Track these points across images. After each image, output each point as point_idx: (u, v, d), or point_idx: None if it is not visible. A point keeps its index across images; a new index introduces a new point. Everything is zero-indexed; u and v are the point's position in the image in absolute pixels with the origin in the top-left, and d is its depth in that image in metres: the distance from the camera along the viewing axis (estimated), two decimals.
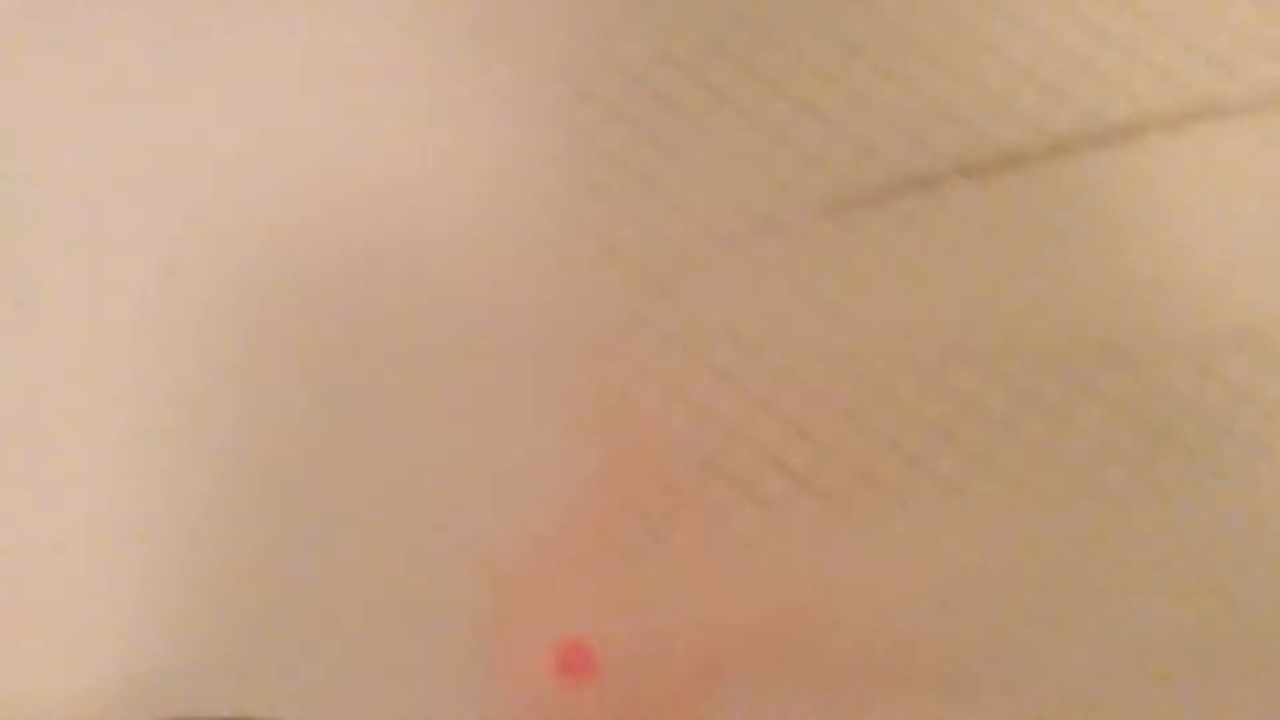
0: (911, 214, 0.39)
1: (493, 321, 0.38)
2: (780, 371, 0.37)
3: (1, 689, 0.35)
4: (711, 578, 0.35)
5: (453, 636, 0.35)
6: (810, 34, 0.41)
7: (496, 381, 0.38)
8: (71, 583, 0.36)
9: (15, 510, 0.37)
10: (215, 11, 0.42)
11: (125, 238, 0.40)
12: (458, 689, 0.35)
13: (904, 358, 0.37)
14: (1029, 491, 0.35)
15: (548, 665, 0.35)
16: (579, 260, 0.40)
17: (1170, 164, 0.38)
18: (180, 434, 0.37)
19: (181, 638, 0.36)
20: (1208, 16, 0.40)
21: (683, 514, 0.36)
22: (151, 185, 0.41)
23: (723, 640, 0.35)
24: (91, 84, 0.41)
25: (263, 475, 0.37)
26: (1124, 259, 0.38)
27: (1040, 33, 0.40)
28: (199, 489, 0.37)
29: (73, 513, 0.37)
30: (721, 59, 0.41)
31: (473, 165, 0.41)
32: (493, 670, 0.35)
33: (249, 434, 0.37)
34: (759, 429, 0.37)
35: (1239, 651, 0.34)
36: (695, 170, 0.40)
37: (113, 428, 0.37)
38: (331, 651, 0.35)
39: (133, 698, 0.35)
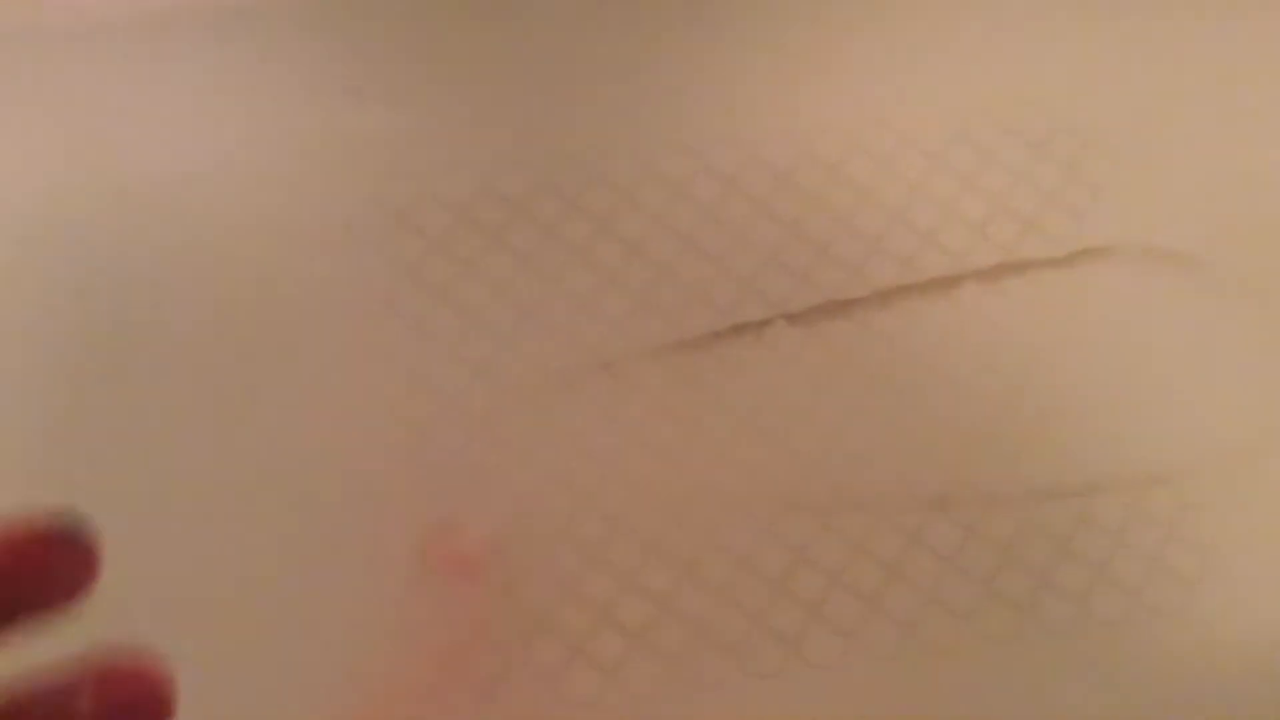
0: (740, 359, 0.39)
1: (314, 464, 0.36)
2: (612, 520, 0.36)
3: None
4: None
5: None
6: (638, 175, 0.41)
7: (319, 526, 0.35)
8: None
9: None
10: None
11: None
12: None
13: (738, 506, 0.37)
14: (862, 644, 0.35)
15: None
16: (400, 396, 0.38)
17: (985, 314, 0.40)
18: None
19: None
20: (1014, 177, 0.42)
21: (513, 674, 0.34)
22: None
23: None
24: None
25: None
26: (946, 408, 0.39)
27: (860, 186, 0.42)
28: None
29: None
30: (551, 197, 0.41)
31: (291, 289, 0.39)
32: None
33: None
34: (591, 583, 0.35)
35: None
36: (524, 308, 0.39)
37: None
38: None
39: None
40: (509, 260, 0.40)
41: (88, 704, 0.21)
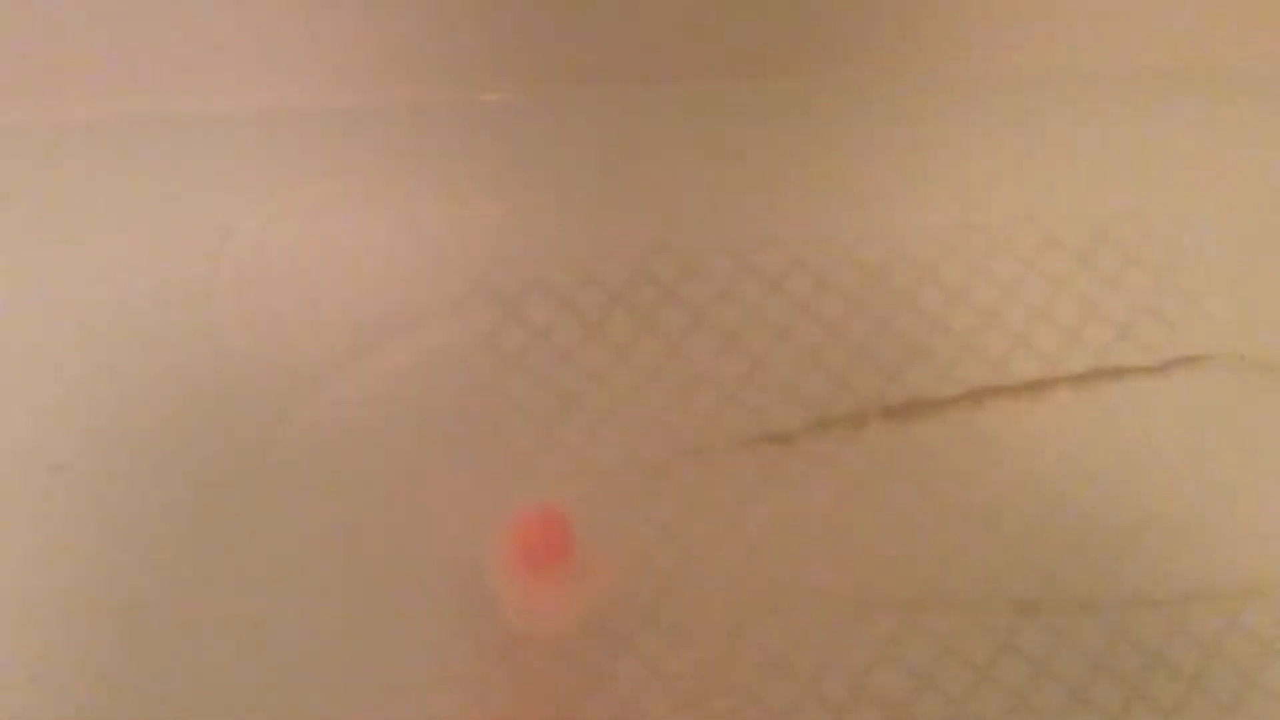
0: (830, 454, 0.39)
1: (407, 552, 0.37)
2: (697, 607, 0.37)
3: None
4: None
5: None
6: (734, 269, 0.42)
7: (413, 601, 0.36)
8: None
9: None
10: None
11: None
12: None
13: (825, 600, 0.37)
14: None
15: None
16: (495, 478, 0.39)
17: (1077, 419, 0.40)
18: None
19: None
20: (1107, 284, 0.42)
21: None
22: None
23: None
24: None
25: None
26: (1037, 512, 0.39)
27: (952, 287, 0.42)
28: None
29: None
30: (649, 287, 0.42)
31: (398, 369, 0.40)
32: None
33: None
34: (676, 669, 0.36)
35: None
36: (620, 396, 0.40)
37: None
38: None
39: None
40: (606, 349, 0.41)
41: None
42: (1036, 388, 0.40)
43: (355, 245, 0.42)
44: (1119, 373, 0.41)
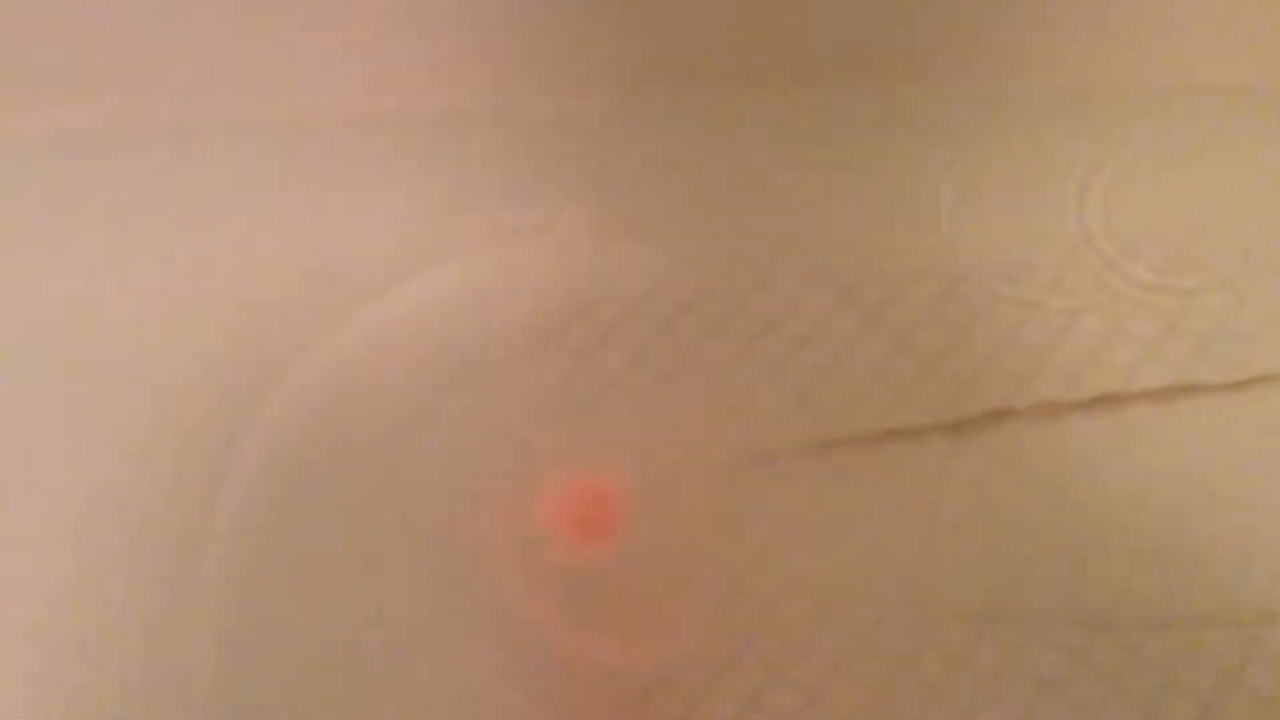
0: (902, 461, 0.39)
1: (480, 546, 0.37)
2: (763, 610, 0.37)
3: None
4: None
5: None
6: (806, 277, 0.42)
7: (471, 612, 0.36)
8: None
9: None
10: None
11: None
12: None
13: (892, 608, 0.36)
14: None
15: None
16: (560, 480, 0.39)
17: (1154, 435, 0.39)
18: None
19: None
20: (1186, 299, 0.42)
21: None
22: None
23: None
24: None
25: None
26: (1110, 527, 0.38)
27: (1028, 299, 0.42)
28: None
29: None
30: (719, 298, 0.42)
31: (468, 370, 0.40)
32: None
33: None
34: (740, 671, 0.36)
35: None
36: (688, 399, 0.40)
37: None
38: None
39: None
40: (677, 352, 0.41)
41: None
42: (1112, 402, 0.40)
43: (432, 251, 0.42)
44: (1196, 389, 0.40)
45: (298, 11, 0.42)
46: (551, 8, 0.43)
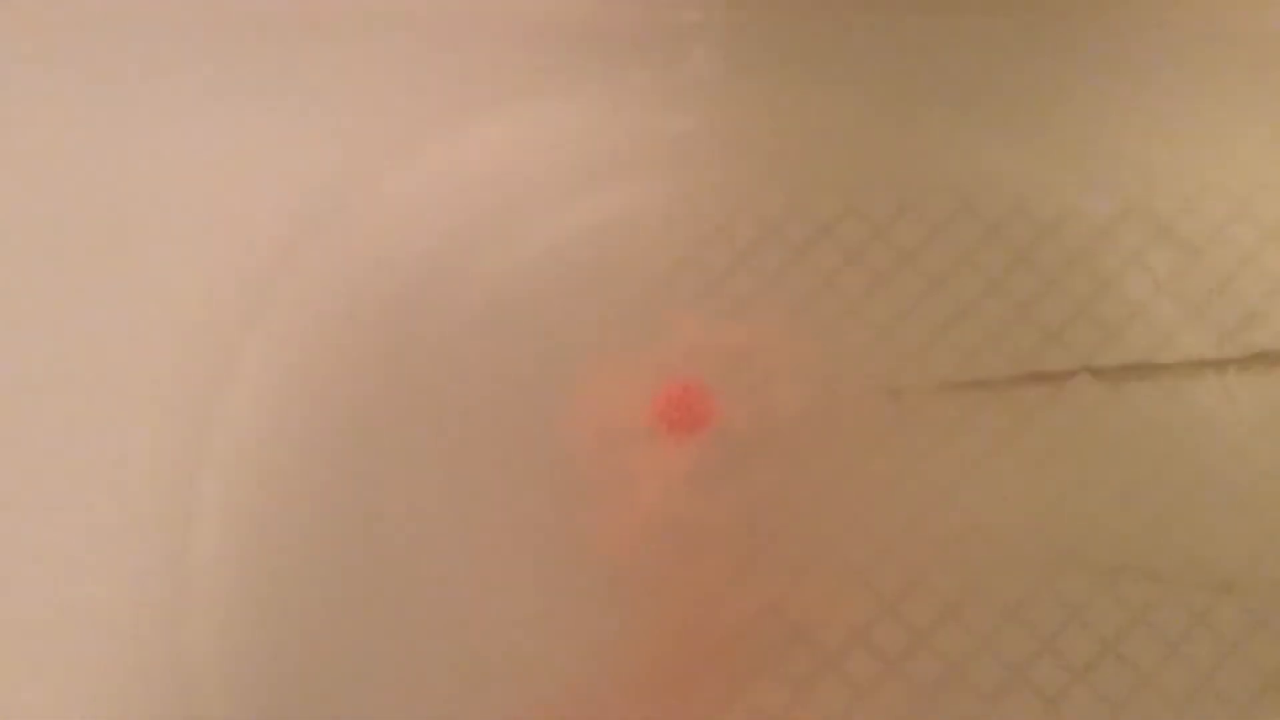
0: (1035, 407, 0.38)
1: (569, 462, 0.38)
2: (879, 545, 0.36)
3: None
4: None
5: None
6: (950, 210, 0.41)
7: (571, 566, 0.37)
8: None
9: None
10: None
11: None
12: None
13: (1011, 556, 0.36)
14: (1126, 716, 0.34)
15: None
16: (681, 404, 0.39)
17: None
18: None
19: None
20: None
21: (764, 679, 0.34)
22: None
23: None
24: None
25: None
26: (1245, 490, 0.37)
27: (1187, 248, 0.40)
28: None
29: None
30: (858, 222, 0.41)
31: (591, 288, 0.40)
32: None
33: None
34: (851, 603, 0.36)
35: None
36: (819, 328, 0.40)
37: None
38: None
39: None
40: (810, 279, 0.40)
41: None
42: (1265, 361, 0.38)
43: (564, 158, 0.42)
44: None
45: None
46: None
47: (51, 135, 0.40)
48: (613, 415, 0.38)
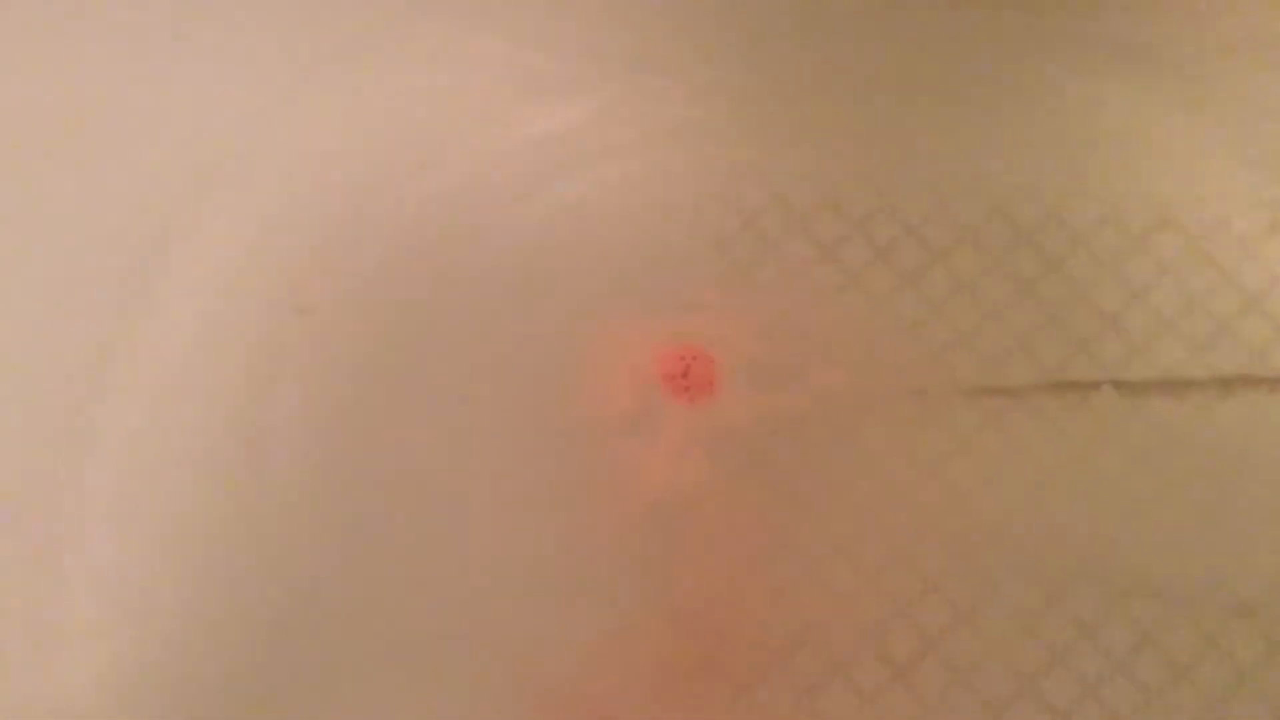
0: (1057, 417, 0.38)
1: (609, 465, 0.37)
2: (896, 549, 0.36)
3: None
4: None
5: None
6: (982, 214, 0.41)
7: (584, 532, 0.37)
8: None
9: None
10: None
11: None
12: None
13: (1026, 566, 0.36)
14: None
15: None
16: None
17: None
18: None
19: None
20: None
21: (771, 682, 0.34)
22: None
23: None
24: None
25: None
26: (1268, 512, 0.36)
27: (1219, 264, 0.39)
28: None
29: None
30: (890, 220, 0.41)
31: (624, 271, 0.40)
32: None
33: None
34: (863, 604, 0.35)
35: None
36: (846, 323, 0.39)
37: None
38: None
39: None
40: (838, 274, 0.40)
41: None
42: None
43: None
44: None
45: None
46: None
47: None
48: (617, 385, 0.38)
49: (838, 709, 0.34)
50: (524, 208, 0.40)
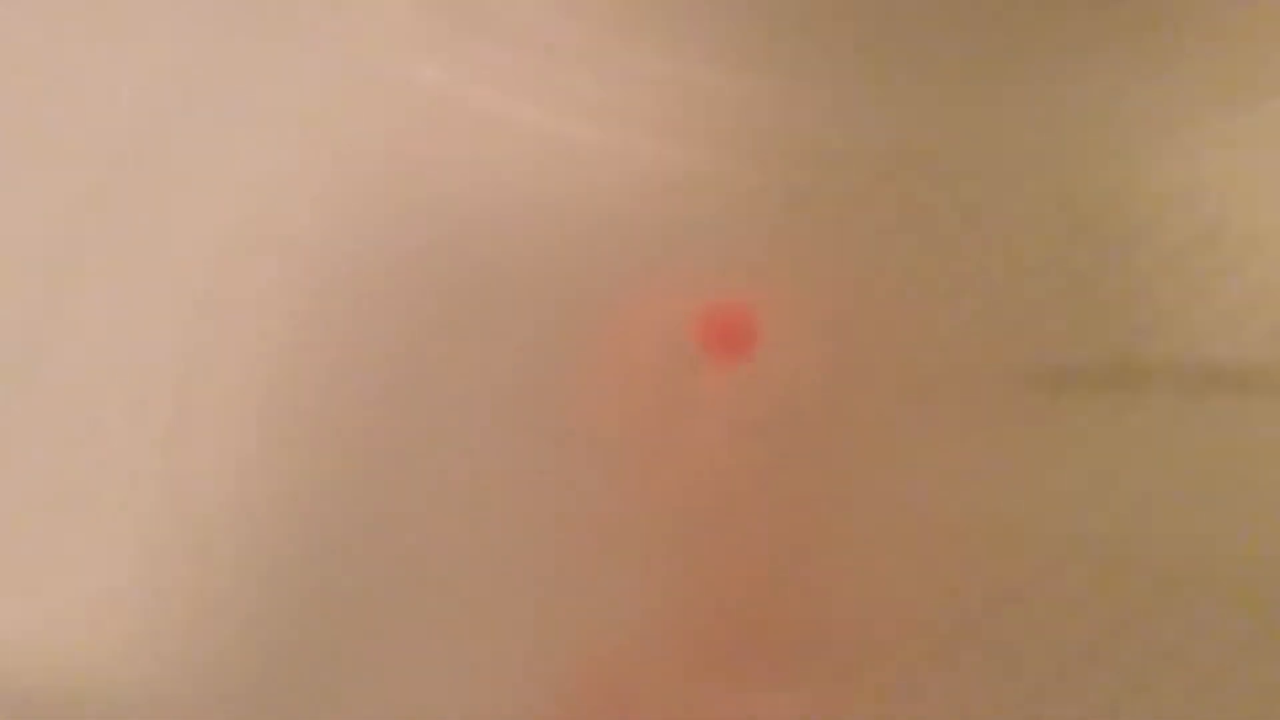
0: (1113, 412, 0.37)
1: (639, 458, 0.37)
2: (917, 540, 0.36)
3: None
4: None
5: None
6: (1040, 197, 0.40)
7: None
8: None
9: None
10: None
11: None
12: None
13: (1073, 555, 0.35)
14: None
15: None
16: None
17: None
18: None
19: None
20: None
21: (811, 662, 0.34)
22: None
23: None
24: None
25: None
26: None
27: None
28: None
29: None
30: (941, 191, 0.40)
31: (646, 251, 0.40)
32: None
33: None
34: (906, 587, 0.35)
35: None
36: (884, 306, 0.39)
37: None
38: None
39: None
40: (888, 255, 0.39)
41: None
42: None
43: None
44: None
45: None
46: None
47: None
48: (655, 359, 0.38)
49: (878, 691, 0.34)
50: (548, 185, 0.40)
